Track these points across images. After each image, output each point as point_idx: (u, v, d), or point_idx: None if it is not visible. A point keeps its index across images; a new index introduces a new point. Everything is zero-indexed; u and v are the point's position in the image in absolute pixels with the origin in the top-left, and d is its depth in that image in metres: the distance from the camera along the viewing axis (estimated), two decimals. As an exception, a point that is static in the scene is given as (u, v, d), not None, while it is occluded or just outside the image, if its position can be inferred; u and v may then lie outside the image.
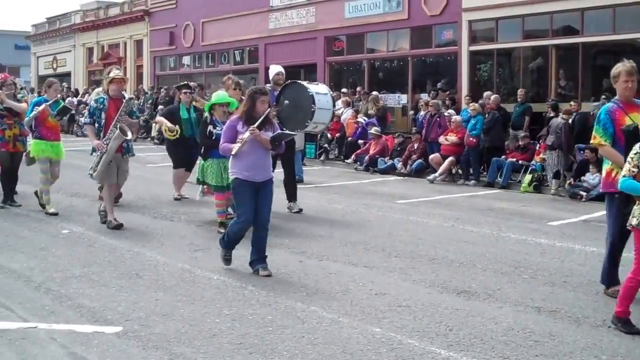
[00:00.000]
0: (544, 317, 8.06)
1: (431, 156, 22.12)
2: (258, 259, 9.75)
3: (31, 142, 14.19)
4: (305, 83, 15.06)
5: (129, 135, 12.55)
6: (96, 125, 12.68)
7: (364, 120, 26.42)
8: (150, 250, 10.95)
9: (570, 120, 19.44)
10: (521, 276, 9.88)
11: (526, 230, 13.31)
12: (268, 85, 14.50)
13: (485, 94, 23.92)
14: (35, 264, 10.17)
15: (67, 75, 53.57)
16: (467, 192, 19.19)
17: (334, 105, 16.47)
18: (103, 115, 12.62)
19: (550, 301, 8.65)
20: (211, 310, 8.08)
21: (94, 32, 51.87)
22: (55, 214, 13.69)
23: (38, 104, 13.97)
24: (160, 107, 33.88)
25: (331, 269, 10.07)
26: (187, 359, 6.64)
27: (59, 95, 14.77)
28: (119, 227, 12.48)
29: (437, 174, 21.36)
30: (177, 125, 15.57)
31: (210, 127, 12.47)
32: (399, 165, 23.44)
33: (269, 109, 9.86)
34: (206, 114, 12.76)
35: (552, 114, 20.69)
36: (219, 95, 12.86)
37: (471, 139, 21.19)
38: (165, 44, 43.34)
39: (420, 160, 22.79)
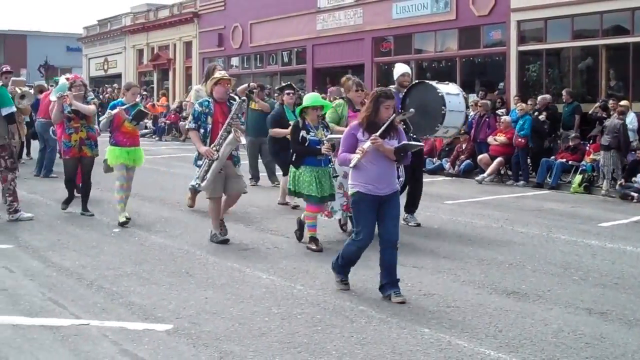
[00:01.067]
0: (595, 319, 7.97)
1: (480, 157, 21.98)
2: (390, 282, 8.62)
3: (108, 148, 13.10)
4: (434, 83, 13.55)
5: (243, 140, 11.88)
6: (201, 131, 11.48)
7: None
8: (200, 249, 10.99)
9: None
10: (571, 277, 9.78)
11: (576, 231, 13.18)
12: (392, 86, 12.72)
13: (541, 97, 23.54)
14: (87, 261, 10.26)
15: (117, 76, 54.08)
16: (516, 192, 19.04)
17: (468, 107, 14.91)
18: (209, 119, 11.44)
19: (601, 303, 8.55)
20: (260, 309, 8.09)
21: (144, 34, 52.29)
22: (125, 223, 12.81)
23: (114, 107, 12.92)
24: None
25: (379, 269, 10.02)
26: (237, 356, 6.65)
27: (137, 99, 13.72)
28: (224, 242, 11.47)
29: (485, 175, 21.21)
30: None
31: (302, 133, 11.22)
32: (447, 165, 23.33)
33: (393, 115, 8.77)
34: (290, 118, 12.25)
35: (602, 114, 20.50)
36: (312, 97, 11.78)
37: (520, 139, 21.03)
38: (214, 46, 43.54)
39: (468, 161, 22.65)
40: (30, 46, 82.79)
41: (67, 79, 14.50)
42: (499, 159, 21.25)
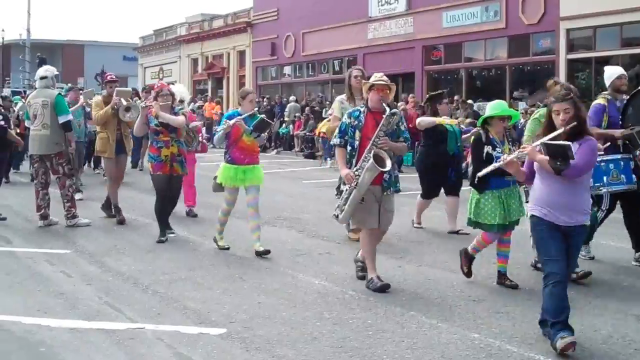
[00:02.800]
0: (645, 325, 7.87)
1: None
2: (556, 322, 6.93)
3: (222, 165, 11.38)
4: None
5: (388, 166, 9.00)
6: (348, 148, 9.22)
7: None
8: (253, 255, 11.01)
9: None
10: (621, 284, 9.65)
11: (626, 238, 12.99)
12: (605, 93, 10.61)
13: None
14: (143, 267, 10.34)
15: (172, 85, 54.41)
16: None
17: None
18: (357, 134, 9.12)
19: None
20: (312, 313, 8.09)
21: (198, 44, 52.70)
22: (226, 249, 11.47)
23: (230, 117, 11.17)
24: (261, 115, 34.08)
25: (430, 275, 10.00)
26: (289, 361, 6.66)
27: (255, 109, 11.62)
28: (384, 288, 9.00)
29: (534, 182, 21.02)
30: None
31: (487, 149, 9.11)
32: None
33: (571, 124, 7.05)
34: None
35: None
36: (498, 105, 9.45)
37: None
38: (267, 55, 43.77)
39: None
40: (87, 55, 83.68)
41: (151, 87, 13.77)
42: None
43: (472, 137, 9.90)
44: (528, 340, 7.25)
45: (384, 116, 9.00)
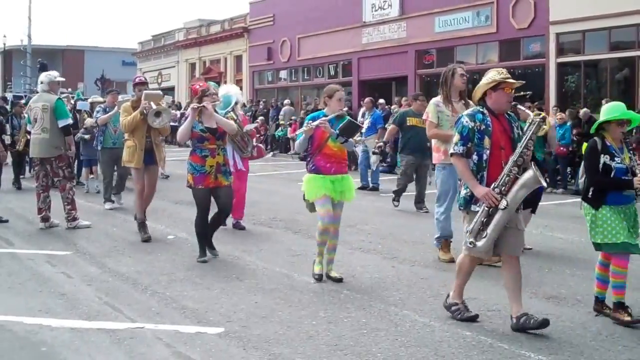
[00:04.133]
0: (633, 323, 7.87)
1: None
2: None
3: (305, 178, 9.61)
4: None
5: (543, 182, 7.54)
6: (474, 158, 7.52)
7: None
8: (250, 255, 11.02)
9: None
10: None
11: None
12: None
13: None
14: (142, 267, 10.34)
15: (171, 89, 54.60)
16: (556, 200, 18.86)
17: None
18: (487, 141, 7.45)
19: (639, 307, 8.45)
20: (308, 312, 8.10)
21: (196, 49, 52.77)
22: (339, 280, 9.42)
23: (314, 119, 9.39)
24: (260, 118, 34.22)
25: (423, 274, 10.02)
26: (286, 359, 6.66)
27: (345, 109, 9.87)
28: (473, 319, 7.81)
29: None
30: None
31: (604, 158, 7.75)
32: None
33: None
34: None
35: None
36: (616, 107, 8.01)
37: (561, 147, 20.89)
38: (263, 59, 43.85)
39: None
40: (87, 61, 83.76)
41: (198, 86, 11.16)
42: (538, 167, 21.06)
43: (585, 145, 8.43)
44: (519, 337, 7.25)
45: (534, 121, 7.39)
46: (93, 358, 6.72)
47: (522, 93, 11.35)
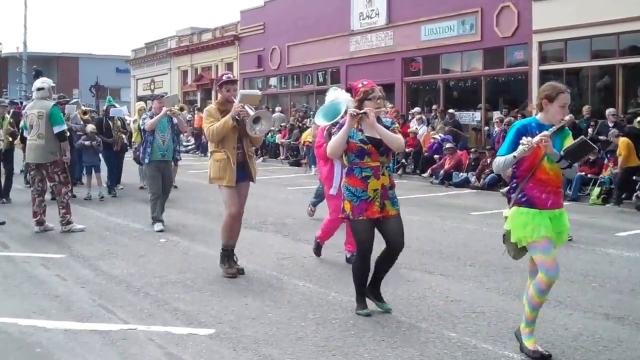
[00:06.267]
0: (613, 324, 7.90)
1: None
2: None
3: (511, 212, 6.94)
4: None
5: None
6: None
7: (440, 136, 26.35)
8: (240, 258, 10.98)
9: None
10: (590, 284, 9.71)
11: (595, 240, 13.09)
12: None
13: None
14: (135, 270, 10.33)
15: (163, 96, 54.37)
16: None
17: None
18: None
19: (619, 308, 8.48)
20: (297, 314, 8.10)
21: (188, 56, 52.69)
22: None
23: (527, 128, 6.74)
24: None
25: (409, 276, 10.02)
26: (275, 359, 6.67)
27: (568, 117, 8.36)
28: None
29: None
30: None
31: None
32: (473, 179, 23.27)
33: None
34: None
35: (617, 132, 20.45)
36: None
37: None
38: (253, 67, 43.80)
39: (493, 174, 22.55)
40: (81, 68, 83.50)
41: (358, 86, 8.12)
42: (522, 173, 21.09)
43: None
44: (502, 339, 7.27)
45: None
46: (86, 359, 6.71)
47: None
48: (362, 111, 7.69)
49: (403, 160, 27.17)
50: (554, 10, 25.50)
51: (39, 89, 13.57)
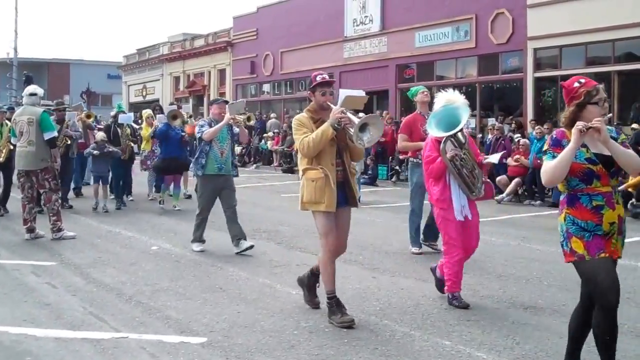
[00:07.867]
0: (608, 332, 7.91)
1: (498, 178, 21.86)
2: None
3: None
4: None
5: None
6: None
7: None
8: (233, 266, 11.01)
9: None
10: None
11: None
12: None
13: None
14: (127, 278, 10.31)
15: (155, 102, 54.47)
16: (533, 212, 18.95)
17: None
18: None
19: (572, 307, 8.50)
20: (290, 322, 8.10)
21: (180, 62, 52.74)
22: None
23: None
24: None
25: (403, 284, 10.03)
26: (268, 368, 6.66)
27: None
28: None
29: (504, 195, 21.11)
30: None
31: None
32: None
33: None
34: None
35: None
36: None
37: (538, 160, 20.97)
38: (246, 73, 43.88)
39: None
40: (73, 74, 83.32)
41: (574, 86, 6.45)
42: (516, 180, 21.18)
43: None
44: (497, 347, 7.27)
45: None
46: (77, 367, 6.71)
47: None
48: (592, 124, 5.82)
49: (397, 167, 27.18)
50: (549, 16, 25.62)
51: (31, 94, 13.55)
